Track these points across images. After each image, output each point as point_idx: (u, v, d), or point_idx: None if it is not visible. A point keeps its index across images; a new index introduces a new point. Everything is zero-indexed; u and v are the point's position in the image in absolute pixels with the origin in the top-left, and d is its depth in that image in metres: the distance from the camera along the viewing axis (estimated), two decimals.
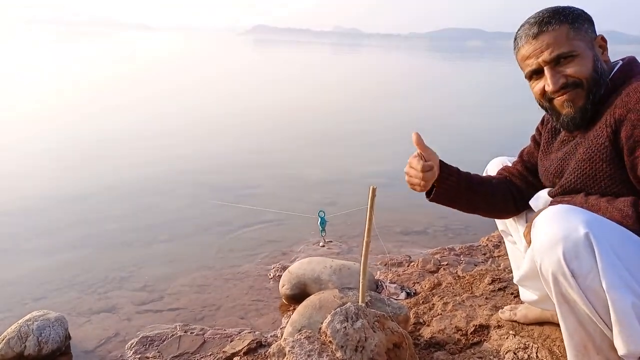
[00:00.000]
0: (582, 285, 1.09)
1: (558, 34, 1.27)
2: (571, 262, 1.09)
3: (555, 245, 1.11)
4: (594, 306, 1.10)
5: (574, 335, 1.21)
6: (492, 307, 2.02)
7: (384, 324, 1.57)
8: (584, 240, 1.08)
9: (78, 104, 8.99)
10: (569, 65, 1.28)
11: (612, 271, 1.07)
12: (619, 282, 1.06)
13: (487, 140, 7.03)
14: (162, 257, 2.97)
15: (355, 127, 7.75)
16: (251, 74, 18.32)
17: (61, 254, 2.98)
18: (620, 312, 1.07)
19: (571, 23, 1.28)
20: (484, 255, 2.94)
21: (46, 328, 1.91)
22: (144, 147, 5.75)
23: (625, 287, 1.07)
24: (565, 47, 1.27)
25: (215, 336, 2.07)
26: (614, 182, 1.22)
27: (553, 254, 1.11)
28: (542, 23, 1.29)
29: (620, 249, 1.09)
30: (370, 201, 1.58)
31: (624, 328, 1.07)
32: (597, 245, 1.07)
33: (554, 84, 1.28)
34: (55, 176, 4.53)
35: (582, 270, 1.08)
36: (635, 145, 1.16)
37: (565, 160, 1.36)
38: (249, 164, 5.25)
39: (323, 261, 2.43)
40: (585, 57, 1.27)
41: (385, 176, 4.88)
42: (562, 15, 1.28)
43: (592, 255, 1.07)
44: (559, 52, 1.27)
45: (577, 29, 1.28)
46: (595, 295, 1.09)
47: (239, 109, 9.12)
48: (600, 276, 1.07)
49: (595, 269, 1.07)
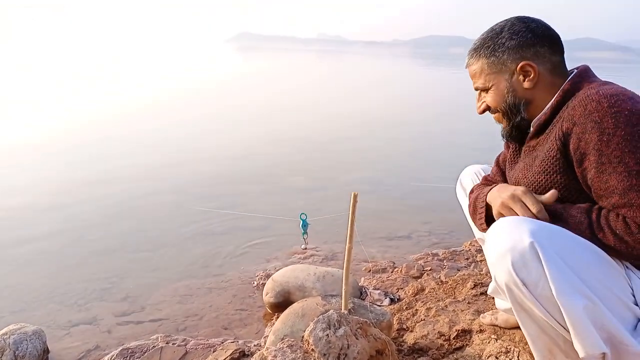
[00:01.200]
0: (534, 293, 1.12)
1: (476, 69, 1.44)
2: (520, 272, 1.12)
3: (504, 256, 1.14)
4: (549, 312, 1.13)
5: (537, 341, 1.24)
6: (474, 312, 2.04)
7: (367, 330, 1.57)
8: (529, 249, 1.11)
9: (53, 107, 8.87)
10: (486, 95, 1.45)
11: (560, 277, 1.09)
12: (568, 287, 1.09)
13: (465, 145, 7.10)
14: (144, 266, 2.93)
15: (340, 133, 7.78)
16: (233, 82, 18.27)
17: (40, 264, 2.93)
18: (573, 317, 1.09)
19: (488, 57, 1.40)
20: (467, 260, 2.96)
21: (23, 342, 1.87)
22: (124, 156, 5.69)
23: (576, 291, 1.09)
24: (480, 81, 1.44)
25: (198, 346, 2.04)
26: (569, 191, 1.28)
27: (503, 265, 1.14)
28: (469, 55, 1.46)
29: (568, 255, 1.12)
30: (351, 207, 1.58)
31: (579, 331, 1.10)
32: (542, 253, 1.10)
33: (477, 109, 1.49)
34: (34, 185, 4.45)
35: (531, 278, 1.11)
36: (582, 158, 1.21)
37: (524, 171, 1.41)
38: (232, 172, 5.22)
39: (307, 268, 2.42)
40: (497, 89, 1.41)
41: (369, 182, 4.90)
42: (484, 49, 1.41)
43: (540, 263, 1.10)
44: (476, 85, 1.46)
45: (492, 63, 1.39)
46: (549, 302, 1.12)
47: (220, 117, 9.08)
48: (549, 283, 1.09)
49: (544, 277, 1.10)
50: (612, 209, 1.17)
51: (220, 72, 24.38)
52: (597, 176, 1.18)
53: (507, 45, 1.36)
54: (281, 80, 19.91)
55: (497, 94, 1.41)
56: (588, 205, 1.22)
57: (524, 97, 1.37)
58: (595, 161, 1.18)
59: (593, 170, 1.19)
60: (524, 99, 1.37)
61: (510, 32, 1.36)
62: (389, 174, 5.37)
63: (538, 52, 1.34)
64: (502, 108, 1.41)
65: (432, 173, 5.42)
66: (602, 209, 1.19)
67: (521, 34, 1.35)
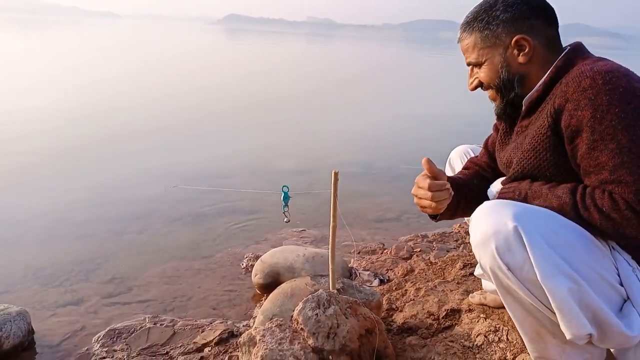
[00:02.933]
0: (519, 276, 1.11)
1: (469, 43, 1.39)
2: (504, 256, 1.11)
3: (488, 240, 1.13)
4: (535, 295, 1.12)
5: (523, 324, 1.23)
6: (463, 292, 2.04)
7: (357, 310, 1.56)
8: (513, 233, 1.10)
9: (33, 91, 8.69)
10: (479, 71, 1.40)
11: (544, 260, 1.08)
12: (553, 270, 1.08)
13: (451, 129, 7.11)
14: (131, 248, 2.89)
15: (330, 117, 7.74)
16: (221, 65, 18.05)
17: (25, 245, 2.87)
18: (558, 299, 1.09)
19: (482, 30, 1.35)
20: (456, 242, 2.97)
21: (7, 323, 1.83)
22: (111, 137, 5.60)
23: (560, 274, 1.08)
24: (473, 56, 1.39)
25: (186, 327, 2.02)
26: (559, 170, 1.25)
27: (487, 249, 1.13)
28: (461, 29, 1.41)
29: (552, 237, 1.11)
30: (333, 185, 1.55)
31: (564, 314, 1.10)
32: (526, 236, 1.09)
33: (469, 85, 1.44)
34: (18, 166, 4.36)
35: (516, 262, 1.10)
36: (573, 135, 1.19)
37: (515, 150, 1.38)
38: (222, 154, 5.17)
39: (296, 249, 2.41)
40: (491, 64, 1.36)
41: (360, 165, 4.89)
42: (477, 22, 1.36)
43: (524, 247, 1.09)
44: (468, 61, 1.41)
45: (486, 37, 1.35)
46: (534, 285, 1.11)
47: (210, 99, 8.98)
48: (533, 267, 1.09)
49: (528, 261, 1.09)
50: (598, 185, 1.15)
51: (206, 56, 24.05)
52: (587, 153, 1.16)
53: (501, 17, 1.32)
54: (268, 64, 19.72)
55: (491, 69, 1.36)
56: (573, 184, 1.21)
57: (518, 72, 1.33)
58: (587, 138, 1.15)
59: (584, 146, 1.17)
60: (518, 74, 1.34)
61: (505, 5, 1.32)
62: (378, 157, 5.36)
63: (533, 25, 1.31)
64: (495, 84, 1.37)
65: (421, 156, 5.41)
66: (587, 188, 1.18)
67: (516, 6, 1.31)
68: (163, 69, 14.56)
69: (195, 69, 15.35)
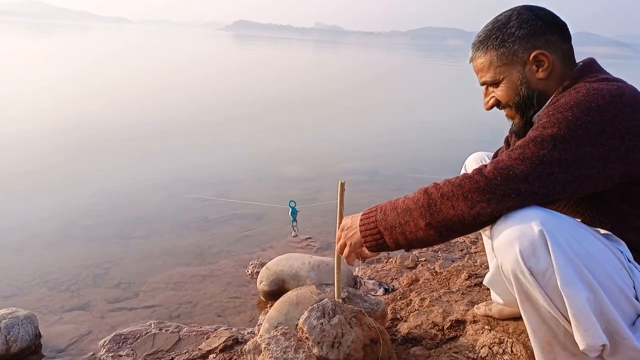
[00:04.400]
0: (541, 282, 1.09)
1: (484, 62, 1.36)
2: (528, 260, 1.09)
3: (512, 243, 1.11)
4: (554, 303, 1.11)
5: (537, 332, 1.21)
6: (468, 303, 2.04)
7: (361, 319, 1.57)
8: (539, 237, 1.08)
9: (46, 94, 8.79)
10: (495, 90, 1.37)
11: (567, 267, 1.07)
12: (574, 277, 1.07)
13: (465, 138, 7.10)
14: (138, 253, 2.92)
15: (337, 123, 7.76)
16: (230, 71, 18.16)
17: (33, 249, 2.90)
18: (575, 307, 1.07)
19: (498, 48, 1.32)
20: (461, 252, 2.96)
21: (15, 326, 1.85)
22: (118, 142, 5.64)
23: (580, 281, 1.07)
24: (488, 75, 1.36)
25: (191, 333, 2.03)
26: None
27: (511, 252, 1.11)
28: (474, 48, 1.39)
29: (575, 245, 1.09)
30: (339, 196, 1.56)
31: (580, 323, 1.08)
32: (551, 242, 1.07)
33: (485, 104, 1.41)
34: (28, 170, 4.40)
35: (539, 267, 1.09)
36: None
37: None
38: (228, 160, 5.20)
39: (301, 257, 2.42)
40: (509, 82, 1.33)
41: (365, 173, 4.90)
42: (491, 40, 1.33)
43: (548, 252, 1.08)
44: (484, 80, 1.38)
45: (502, 55, 1.32)
46: (554, 292, 1.09)
47: (217, 105, 9.03)
48: (555, 273, 1.08)
49: (552, 266, 1.08)
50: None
51: (212, 61, 24.20)
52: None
53: (517, 34, 1.30)
54: (275, 71, 19.80)
55: (510, 86, 1.33)
56: (433, 184, 1.23)
57: (537, 89, 1.31)
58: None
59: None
60: (537, 90, 1.31)
61: (519, 21, 1.30)
62: (384, 164, 5.36)
63: (549, 40, 1.29)
64: (515, 102, 1.34)
65: (427, 164, 5.42)
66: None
67: (531, 22, 1.29)
68: (173, 74, 14.66)
69: (205, 75, 15.45)
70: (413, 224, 1.19)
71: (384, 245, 1.26)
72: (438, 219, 1.16)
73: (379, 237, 1.26)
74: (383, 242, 1.26)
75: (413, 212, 1.20)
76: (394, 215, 1.24)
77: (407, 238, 1.21)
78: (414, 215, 1.20)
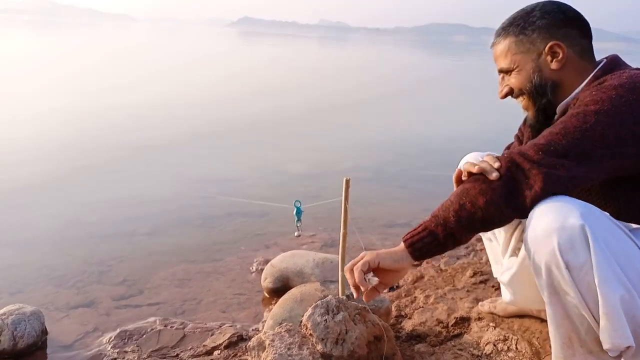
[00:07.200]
0: (575, 277, 1.08)
1: (502, 48, 1.39)
2: (566, 254, 1.08)
3: (550, 235, 1.09)
4: (584, 299, 1.10)
5: (560, 327, 1.20)
6: (473, 300, 2.03)
7: (365, 316, 1.57)
8: (579, 232, 1.06)
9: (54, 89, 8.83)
10: (510, 77, 1.39)
11: (605, 265, 1.06)
12: (611, 275, 1.06)
13: (469, 136, 7.07)
14: (143, 250, 2.93)
15: (341, 120, 7.75)
16: (230, 66, 18.18)
17: (38, 246, 2.92)
18: (609, 306, 1.06)
19: (517, 35, 1.35)
20: (467, 249, 2.95)
21: (22, 322, 1.87)
22: (123, 140, 5.66)
23: (617, 281, 1.06)
24: (504, 62, 1.39)
25: (196, 330, 2.04)
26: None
27: (548, 244, 1.09)
28: (496, 34, 1.42)
29: (612, 242, 1.08)
30: (344, 193, 1.56)
31: (611, 322, 1.07)
32: (592, 237, 1.06)
33: (499, 92, 1.44)
34: (31, 165, 4.43)
35: (576, 262, 1.07)
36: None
37: None
38: (232, 157, 5.20)
39: (306, 254, 2.42)
40: (523, 70, 1.36)
41: (370, 170, 4.89)
42: (512, 27, 1.36)
43: (587, 247, 1.06)
44: (500, 67, 1.41)
45: (520, 42, 1.35)
46: (587, 288, 1.08)
47: (220, 101, 9.03)
48: (593, 269, 1.06)
49: (589, 262, 1.06)
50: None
51: (218, 59, 24.21)
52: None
53: (537, 24, 1.32)
54: (278, 67, 19.80)
55: (523, 74, 1.36)
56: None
57: (550, 79, 1.33)
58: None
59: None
60: (550, 80, 1.33)
61: (542, 12, 1.33)
62: (388, 161, 5.35)
63: (568, 33, 1.31)
64: (527, 89, 1.36)
65: (432, 161, 5.41)
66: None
67: (553, 14, 1.32)
68: (177, 73, 14.69)
69: (212, 73, 15.47)
70: (470, 204, 1.16)
71: (434, 244, 1.21)
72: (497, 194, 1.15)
73: (430, 238, 1.21)
74: (433, 240, 1.20)
75: (470, 191, 1.18)
76: (444, 209, 1.21)
77: (463, 224, 1.17)
78: (470, 194, 1.17)
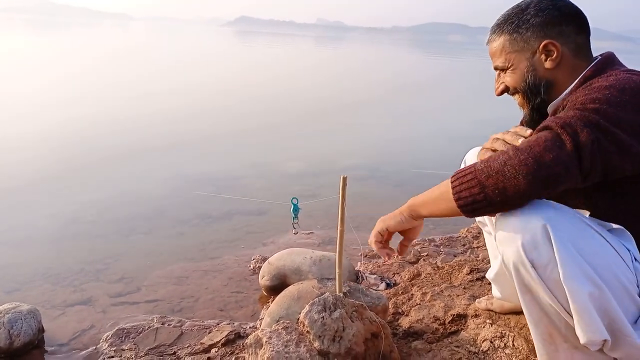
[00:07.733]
0: (543, 275, 1.10)
1: (496, 46, 1.38)
2: (530, 253, 1.09)
3: (515, 235, 1.11)
4: (555, 296, 1.11)
5: (538, 325, 1.21)
6: (470, 297, 2.04)
7: (362, 314, 1.57)
8: (541, 231, 1.08)
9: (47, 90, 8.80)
10: (505, 75, 1.39)
11: (570, 262, 1.07)
12: (577, 272, 1.07)
13: (467, 134, 7.09)
14: (140, 248, 2.92)
15: (338, 119, 7.74)
16: (229, 66, 18.15)
17: (35, 244, 2.92)
18: (578, 302, 1.07)
19: (511, 33, 1.34)
20: (464, 246, 2.96)
21: (18, 321, 1.86)
22: (121, 139, 5.65)
23: (583, 277, 1.07)
24: (499, 60, 1.39)
25: (193, 328, 2.04)
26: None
27: (513, 244, 1.12)
28: (491, 31, 1.41)
29: (579, 241, 1.09)
30: (341, 190, 1.56)
31: (582, 317, 1.08)
32: (554, 236, 1.08)
33: (495, 90, 1.44)
34: (29, 164, 4.41)
35: (541, 260, 1.09)
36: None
37: None
38: (230, 156, 5.20)
39: (303, 252, 2.42)
40: (517, 69, 1.36)
41: (367, 169, 4.89)
42: (507, 25, 1.35)
43: (550, 246, 1.08)
44: (495, 64, 1.41)
45: (514, 40, 1.34)
46: (556, 285, 1.09)
47: (218, 100, 9.02)
48: (558, 267, 1.08)
49: (554, 260, 1.08)
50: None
51: (215, 57, 24.18)
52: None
53: (531, 22, 1.31)
54: (276, 66, 19.78)
55: (517, 73, 1.36)
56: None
57: (544, 78, 1.32)
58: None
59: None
60: (544, 79, 1.32)
61: (537, 9, 1.31)
62: (385, 160, 5.36)
63: (563, 31, 1.30)
64: (521, 88, 1.36)
65: (428, 160, 5.41)
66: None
67: (547, 12, 1.30)
68: (174, 72, 14.66)
69: (210, 72, 15.44)
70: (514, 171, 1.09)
71: (482, 202, 1.13)
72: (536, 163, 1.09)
73: (478, 190, 1.13)
74: (483, 196, 1.12)
75: (513, 159, 1.10)
76: (497, 163, 1.12)
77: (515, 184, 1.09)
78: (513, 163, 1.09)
